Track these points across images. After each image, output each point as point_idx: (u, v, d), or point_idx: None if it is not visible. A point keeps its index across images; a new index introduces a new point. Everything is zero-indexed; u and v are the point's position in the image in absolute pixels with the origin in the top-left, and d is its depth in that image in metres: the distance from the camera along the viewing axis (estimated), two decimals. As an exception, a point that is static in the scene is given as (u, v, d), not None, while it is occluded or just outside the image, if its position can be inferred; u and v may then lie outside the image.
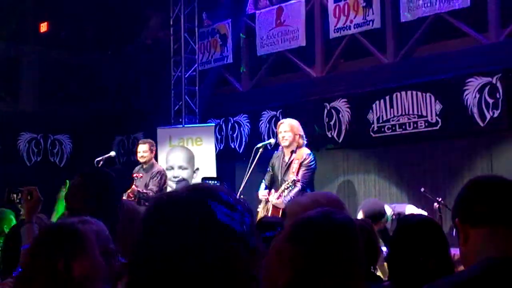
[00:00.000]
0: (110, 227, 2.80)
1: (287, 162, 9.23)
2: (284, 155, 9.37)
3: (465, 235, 2.38)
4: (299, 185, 8.90)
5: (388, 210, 8.47)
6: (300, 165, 9.07)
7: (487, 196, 2.36)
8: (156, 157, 11.75)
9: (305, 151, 9.22)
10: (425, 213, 8.40)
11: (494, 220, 2.31)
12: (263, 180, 9.71)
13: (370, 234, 4.57)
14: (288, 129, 9.30)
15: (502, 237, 2.28)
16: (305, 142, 9.35)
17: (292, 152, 9.24)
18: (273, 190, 9.38)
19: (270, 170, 9.60)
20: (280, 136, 9.36)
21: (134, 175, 10.63)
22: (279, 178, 9.28)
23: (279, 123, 9.65)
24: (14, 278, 3.23)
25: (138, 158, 10.91)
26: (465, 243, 2.38)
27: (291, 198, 8.68)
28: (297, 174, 8.98)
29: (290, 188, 8.83)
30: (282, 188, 8.93)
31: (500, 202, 2.33)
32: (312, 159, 9.19)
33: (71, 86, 16.38)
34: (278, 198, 8.93)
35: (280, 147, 9.49)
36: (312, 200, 3.23)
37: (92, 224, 2.68)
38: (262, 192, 9.47)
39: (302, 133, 9.35)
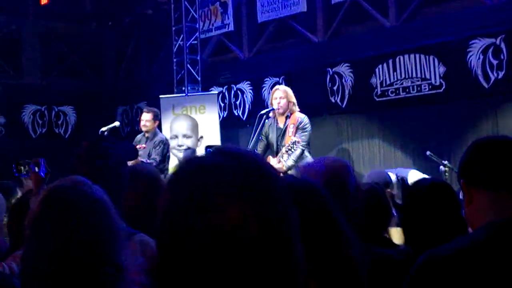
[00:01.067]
0: (113, 193, 2.78)
1: (282, 128, 9.24)
2: (278, 122, 9.38)
3: (469, 197, 2.38)
4: (299, 147, 8.94)
5: (392, 177, 8.48)
6: (297, 128, 9.09)
7: (488, 160, 2.34)
8: (160, 126, 11.74)
9: (299, 115, 9.24)
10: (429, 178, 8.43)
11: (496, 185, 2.30)
12: (256, 150, 9.71)
13: (380, 198, 4.57)
14: (283, 95, 9.31)
15: (504, 202, 2.28)
16: (298, 109, 9.36)
17: (287, 117, 9.26)
18: (270, 157, 9.39)
19: (264, 139, 9.59)
20: (275, 102, 9.35)
21: (137, 146, 10.58)
22: (275, 145, 9.30)
23: (273, 89, 9.63)
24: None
25: (141, 127, 10.85)
26: (469, 204, 2.38)
27: (293, 161, 8.76)
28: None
29: (292, 150, 8.86)
30: (283, 151, 8.95)
31: (501, 167, 2.31)
32: (307, 121, 9.21)
33: (73, 57, 16.36)
34: (279, 163, 8.95)
35: (272, 115, 9.48)
36: (327, 167, 3.25)
37: None
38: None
39: (295, 100, 9.36)
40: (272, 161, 9.15)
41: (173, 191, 1.44)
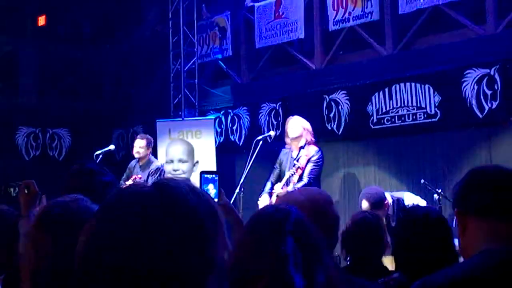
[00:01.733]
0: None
1: (295, 158, 9.27)
2: (292, 152, 9.42)
3: (463, 226, 2.39)
4: (305, 179, 8.97)
5: (388, 197, 8.51)
6: (308, 160, 9.12)
7: (480, 190, 2.36)
8: (155, 151, 11.75)
9: (313, 148, 9.30)
10: (424, 201, 8.45)
11: (488, 214, 2.32)
12: (270, 179, 9.72)
13: (377, 228, 4.62)
14: (298, 124, 9.37)
15: (497, 231, 2.29)
16: (314, 139, 9.42)
17: (301, 148, 9.29)
18: (278, 184, 9.41)
19: (278, 167, 9.64)
20: (289, 131, 9.41)
21: (133, 177, 10.57)
22: (286, 174, 9.33)
23: (288, 119, 9.68)
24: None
25: (134, 153, 10.87)
26: (463, 233, 2.39)
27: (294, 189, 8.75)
28: (304, 169, 9.04)
29: (293, 175, 8.92)
30: (287, 176, 9.00)
31: (493, 196, 2.33)
32: (321, 155, 9.27)
33: (70, 79, 16.38)
34: (282, 188, 8.98)
35: (288, 144, 9.53)
36: (307, 197, 3.25)
37: None
38: (264, 199, 9.48)
39: (311, 129, 9.42)
40: (277, 186, 9.19)
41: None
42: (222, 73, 14.41)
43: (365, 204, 8.24)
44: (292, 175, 9.05)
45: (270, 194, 9.49)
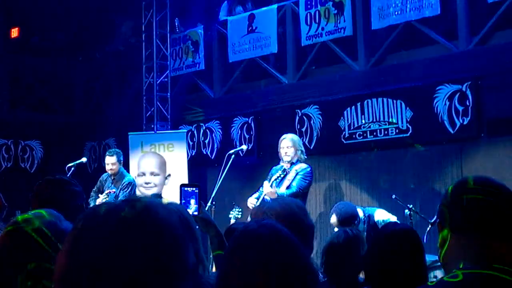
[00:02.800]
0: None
1: (286, 170, 9.31)
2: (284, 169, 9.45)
3: (443, 238, 2.39)
4: (294, 188, 8.99)
5: (360, 213, 8.54)
6: (297, 173, 9.15)
7: (461, 205, 2.36)
8: (127, 164, 11.73)
9: (304, 165, 9.33)
10: (395, 217, 8.48)
11: (467, 230, 2.32)
12: (259, 191, 9.72)
13: (357, 246, 4.68)
14: (291, 144, 9.40)
15: (475, 248, 2.29)
16: (305, 157, 9.47)
17: (292, 164, 9.33)
18: (266, 182, 9.38)
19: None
20: (282, 151, 9.43)
21: (107, 191, 10.68)
22: (272, 180, 9.34)
23: (281, 138, 9.68)
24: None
25: (108, 170, 10.98)
26: (443, 245, 2.39)
27: (282, 195, 8.79)
28: (292, 181, 9.08)
29: (281, 177, 8.94)
30: (275, 177, 9.02)
31: (474, 212, 2.33)
32: (310, 172, 9.29)
33: (42, 91, 16.29)
34: (271, 186, 8.99)
35: (281, 162, 9.55)
36: (282, 206, 3.25)
37: None
38: (251, 200, 9.47)
39: (303, 148, 9.47)
40: (266, 185, 9.16)
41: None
42: (195, 87, 14.39)
43: (333, 219, 8.27)
44: (280, 177, 9.06)
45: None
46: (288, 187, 9.14)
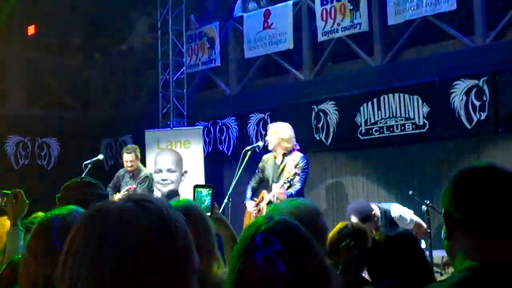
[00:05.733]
0: None
1: (279, 165, 9.29)
2: (275, 158, 9.42)
3: (449, 230, 2.36)
4: (298, 185, 8.99)
5: (376, 209, 8.51)
6: (295, 167, 9.12)
7: (466, 201, 2.31)
8: (144, 160, 11.74)
9: (298, 154, 9.29)
10: (411, 211, 8.45)
11: (472, 227, 2.27)
12: (249, 185, 9.74)
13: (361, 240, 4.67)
14: (272, 132, 9.39)
15: (480, 245, 2.25)
16: (294, 145, 9.39)
17: (284, 155, 9.30)
18: (264, 191, 9.42)
19: (259, 172, 9.64)
20: (266, 139, 9.47)
21: (127, 187, 10.67)
22: (270, 181, 9.35)
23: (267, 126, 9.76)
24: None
25: (127, 168, 10.92)
26: (449, 237, 2.36)
27: (291, 194, 8.79)
28: (293, 177, 9.06)
29: (291, 182, 8.93)
30: (283, 181, 8.99)
31: (479, 209, 2.27)
32: (306, 162, 9.26)
33: (58, 89, 16.34)
34: (280, 188, 8.98)
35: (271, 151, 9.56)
36: (294, 208, 3.25)
37: None
38: (250, 204, 9.51)
39: (286, 136, 9.36)
40: (275, 186, 9.16)
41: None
42: (211, 83, 14.41)
43: (354, 220, 8.25)
44: (291, 180, 9.05)
45: (252, 198, 9.56)
46: (291, 186, 9.09)
